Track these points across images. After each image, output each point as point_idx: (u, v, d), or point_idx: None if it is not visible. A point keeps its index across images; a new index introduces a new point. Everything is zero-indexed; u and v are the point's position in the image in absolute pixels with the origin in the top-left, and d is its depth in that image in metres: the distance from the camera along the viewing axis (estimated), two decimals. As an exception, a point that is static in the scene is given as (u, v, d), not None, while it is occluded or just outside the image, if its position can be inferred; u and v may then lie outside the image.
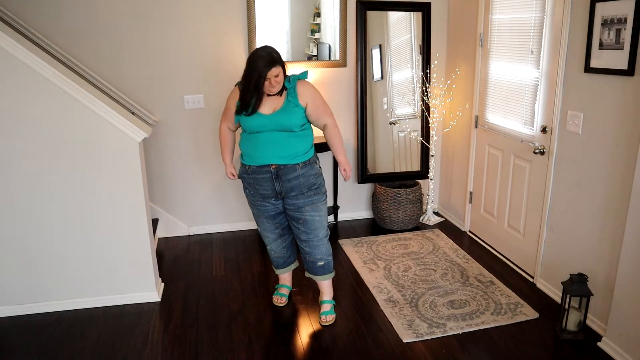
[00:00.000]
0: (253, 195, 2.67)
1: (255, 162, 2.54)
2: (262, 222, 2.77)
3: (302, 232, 2.68)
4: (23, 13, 3.37)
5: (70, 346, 2.60)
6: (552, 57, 2.87)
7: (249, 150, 2.56)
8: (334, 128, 2.67)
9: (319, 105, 2.59)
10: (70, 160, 2.73)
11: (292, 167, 2.53)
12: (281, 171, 2.53)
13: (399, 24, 4.01)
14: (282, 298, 3.00)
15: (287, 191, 2.57)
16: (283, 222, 2.78)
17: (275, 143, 2.50)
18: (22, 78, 2.57)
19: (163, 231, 3.99)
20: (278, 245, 2.86)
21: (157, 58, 3.65)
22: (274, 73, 2.39)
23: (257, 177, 2.57)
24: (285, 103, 2.50)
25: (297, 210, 2.63)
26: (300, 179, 2.56)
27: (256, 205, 2.71)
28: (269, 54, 2.38)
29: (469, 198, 3.94)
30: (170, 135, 3.81)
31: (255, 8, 3.68)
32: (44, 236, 2.81)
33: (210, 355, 2.52)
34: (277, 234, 2.82)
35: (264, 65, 2.36)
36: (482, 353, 2.50)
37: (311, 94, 2.57)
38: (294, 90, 2.52)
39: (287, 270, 3.00)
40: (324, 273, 2.79)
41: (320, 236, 2.70)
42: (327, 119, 2.64)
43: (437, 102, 4.02)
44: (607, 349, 2.49)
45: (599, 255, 2.61)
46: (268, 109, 2.50)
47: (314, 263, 2.75)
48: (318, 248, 2.71)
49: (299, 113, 2.52)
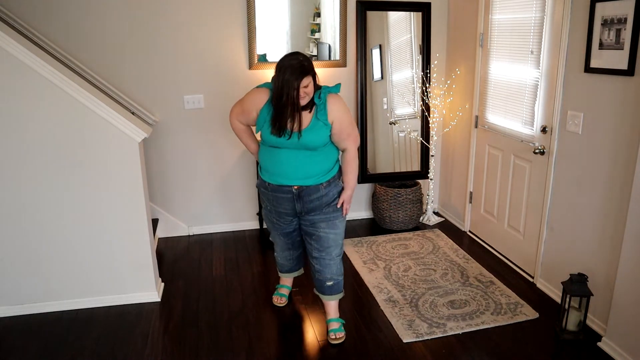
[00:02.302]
0: (270, 211, 2.57)
1: (275, 181, 2.38)
2: (274, 235, 2.71)
3: (314, 249, 2.53)
4: (23, 13, 3.37)
5: (70, 346, 2.60)
6: (552, 57, 2.87)
7: (268, 166, 2.39)
8: (353, 157, 2.43)
9: (344, 127, 2.35)
10: (70, 160, 2.73)
11: (315, 187, 2.37)
12: (304, 192, 2.38)
13: (399, 24, 4.01)
14: (282, 298, 2.97)
15: (308, 211, 2.45)
16: (296, 238, 2.70)
17: (298, 162, 2.31)
18: (23, 78, 2.57)
19: (163, 231, 3.99)
20: (286, 256, 2.81)
21: (157, 58, 3.65)
22: (304, 84, 2.20)
23: (277, 196, 2.43)
24: (313, 121, 2.28)
25: (312, 226, 2.49)
26: (323, 198, 2.42)
27: (271, 221, 2.62)
28: (299, 63, 2.19)
29: (469, 198, 3.94)
30: (170, 135, 3.81)
31: (255, 8, 3.68)
32: (44, 236, 2.81)
33: (210, 355, 2.52)
34: (287, 246, 2.75)
35: (295, 76, 2.16)
36: (482, 353, 2.50)
37: (340, 112, 2.32)
38: (324, 107, 2.29)
39: (291, 276, 2.97)
40: (332, 293, 2.62)
41: (333, 255, 2.53)
42: (349, 144, 2.40)
43: (437, 102, 4.02)
44: (607, 349, 2.49)
45: (599, 255, 2.61)
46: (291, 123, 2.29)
47: (322, 282, 2.59)
48: (329, 267, 2.55)
49: (326, 133, 2.31)
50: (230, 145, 3.93)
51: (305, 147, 2.28)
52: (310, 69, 2.22)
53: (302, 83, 2.19)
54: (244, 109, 2.42)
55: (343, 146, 2.42)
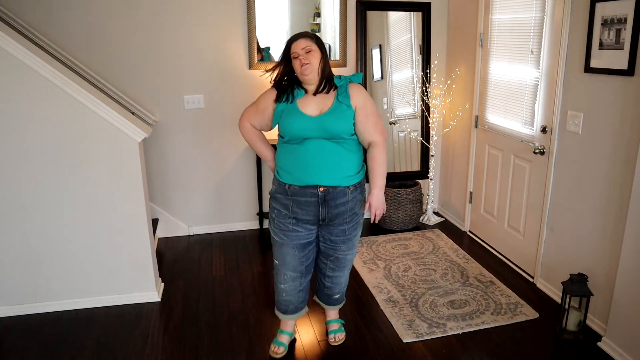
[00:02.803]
0: (284, 218, 2.21)
1: (298, 181, 2.12)
2: (285, 253, 2.26)
3: (329, 269, 2.39)
4: (23, 13, 3.37)
5: (70, 346, 2.60)
6: (552, 57, 2.87)
7: (290, 166, 2.14)
8: (382, 150, 2.17)
9: (370, 114, 2.13)
10: (70, 160, 2.73)
11: (342, 190, 2.14)
12: (329, 195, 2.13)
13: (399, 24, 4.01)
14: (280, 347, 2.46)
15: (332, 218, 2.19)
16: (310, 256, 2.33)
17: (325, 157, 2.08)
18: (23, 78, 2.57)
19: (163, 231, 3.99)
20: (295, 287, 2.35)
21: (157, 58, 3.65)
22: (302, 45, 2.04)
23: (299, 200, 2.14)
24: (335, 103, 2.09)
25: (332, 247, 2.30)
26: (348, 204, 2.18)
27: (284, 230, 2.22)
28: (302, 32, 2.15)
29: (469, 198, 3.94)
30: (170, 135, 3.81)
31: (255, 8, 3.68)
32: (44, 236, 2.81)
33: (210, 355, 2.52)
34: (299, 272, 2.32)
35: (292, 39, 2.08)
36: (482, 353, 2.50)
37: (363, 98, 2.13)
38: (345, 90, 2.11)
39: (296, 317, 2.49)
40: (337, 304, 2.58)
41: (346, 272, 2.44)
42: (377, 135, 2.15)
43: (437, 102, 4.02)
44: (607, 349, 2.49)
45: (599, 255, 2.61)
46: (314, 109, 2.10)
47: (329, 296, 2.51)
48: (339, 284, 2.46)
49: (351, 116, 2.10)
50: (230, 145, 3.93)
51: (330, 134, 2.06)
52: (314, 36, 2.10)
53: (299, 44, 2.05)
54: (259, 108, 2.22)
55: (369, 138, 2.15)
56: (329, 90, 2.12)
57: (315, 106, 2.10)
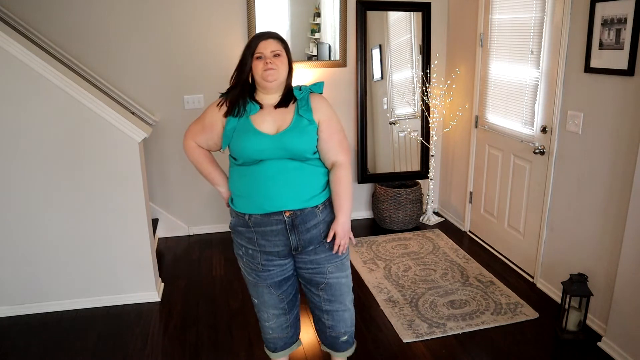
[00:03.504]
0: (252, 257, 1.89)
1: (259, 209, 1.80)
2: (261, 293, 1.97)
3: (325, 301, 1.97)
4: (23, 13, 3.37)
5: (70, 346, 2.60)
6: (552, 57, 2.87)
7: (247, 192, 1.81)
8: (347, 172, 1.86)
9: (334, 131, 1.83)
10: (70, 160, 2.73)
11: (311, 211, 1.82)
12: (298, 219, 1.81)
13: (399, 24, 4.01)
14: None
15: (305, 245, 1.86)
16: (290, 292, 2.01)
17: (287, 178, 1.78)
18: (23, 78, 2.57)
19: (163, 231, 3.99)
20: (280, 324, 2.05)
21: (157, 58, 3.65)
22: (270, 47, 1.75)
23: (263, 230, 1.82)
24: (295, 118, 1.78)
25: (317, 272, 1.91)
26: (320, 225, 1.86)
27: (255, 270, 1.91)
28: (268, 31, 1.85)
29: (469, 198, 3.94)
30: (170, 135, 3.81)
31: (255, 8, 3.68)
32: (44, 236, 2.81)
33: (210, 355, 2.52)
34: (281, 310, 2.01)
35: (256, 37, 1.79)
36: (482, 353, 2.50)
37: (328, 112, 1.84)
38: (306, 102, 1.81)
39: (287, 354, 2.17)
40: (347, 348, 2.12)
41: (347, 303, 2.01)
42: (341, 155, 1.85)
43: (437, 102, 4.02)
44: (607, 349, 2.49)
45: (599, 255, 2.61)
46: (270, 126, 1.78)
47: (336, 339, 2.07)
48: (343, 320, 2.02)
49: (314, 132, 1.80)
50: (230, 145, 3.93)
51: (291, 154, 1.77)
52: (283, 40, 1.82)
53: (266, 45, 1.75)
54: (205, 124, 1.86)
55: (333, 158, 1.85)
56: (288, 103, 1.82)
57: (272, 122, 1.78)
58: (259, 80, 1.78)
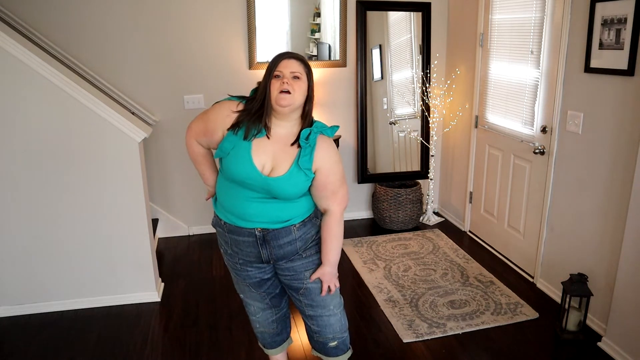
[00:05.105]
0: (231, 256, 1.90)
1: (233, 221, 1.79)
2: (242, 289, 2.02)
3: (307, 306, 1.94)
4: (23, 13, 3.37)
5: (70, 346, 2.60)
6: (552, 57, 2.87)
7: (226, 202, 1.80)
8: (339, 222, 1.81)
9: (331, 181, 1.76)
10: (70, 161, 2.72)
11: (286, 229, 1.78)
12: (269, 235, 1.77)
13: (399, 24, 4.01)
14: None
15: (278, 258, 1.84)
16: (272, 291, 2.01)
17: (264, 208, 1.75)
18: (22, 78, 2.57)
19: (163, 231, 3.99)
20: (266, 317, 2.08)
21: (157, 58, 3.65)
22: (291, 68, 1.66)
23: (236, 239, 1.82)
24: (292, 168, 1.69)
25: (294, 278, 1.88)
26: (297, 242, 1.82)
27: (235, 269, 1.94)
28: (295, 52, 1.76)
29: (469, 198, 3.94)
30: (170, 135, 3.81)
31: (255, 8, 3.68)
32: (44, 236, 2.81)
33: (210, 355, 2.52)
34: (265, 304, 2.05)
35: (280, 55, 1.70)
36: (482, 353, 2.50)
37: (330, 162, 1.74)
38: (310, 152, 1.70)
39: (279, 352, 2.21)
40: (337, 354, 2.04)
41: (332, 308, 1.94)
42: (333, 204, 1.79)
43: (437, 102, 4.02)
44: (607, 349, 2.49)
45: (599, 255, 2.61)
46: (266, 160, 1.69)
47: (323, 344, 2.02)
48: (329, 326, 1.96)
49: (306, 184, 1.73)
50: (230, 145, 3.92)
51: (276, 196, 1.72)
52: (308, 65, 1.72)
53: (288, 65, 1.66)
54: (208, 129, 1.78)
55: (325, 206, 1.79)
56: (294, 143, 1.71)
57: (270, 158, 1.69)
58: (272, 103, 1.66)
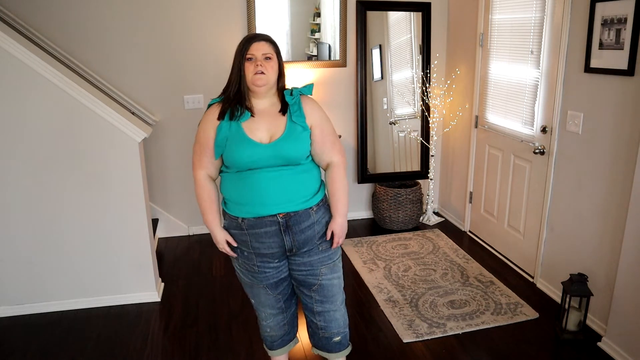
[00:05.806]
0: (247, 258, 1.91)
1: (253, 212, 1.80)
2: (257, 293, 2.00)
3: (316, 302, 1.99)
4: (23, 13, 3.37)
5: (70, 346, 2.60)
6: (552, 57, 2.87)
7: (240, 197, 1.82)
8: (343, 171, 1.91)
9: (327, 133, 1.87)
10: (70, 161, 2.73)
11: (305, 212, 1.83)
12: (292, 220, 1.82)
13: (399, 24, 4.01)
14: None
15: (300, 246, 1.87)
16: (286, 291, 2.04)
17: (281, 185, 1.79)
18: (22, 78, 2.57)
19: (163, 231, 3.99)
20: (277, 322, 2.10)
21: (157, 58, 3.65)
22: (262, 49, 1.74)
23: (257, 232, 1.83)
24: (288, 125, 1.79)
25: (310, 274, 1.93)
26: (315, 227, 1.87)
27: (251, 271, 1.93)
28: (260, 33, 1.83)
29: (469, 198, 3.94)
30: (170, 135, 3.81)
31: (255, 8, 3.68)
32: (44, 236, 2.81)
33: (210, 355, 2.52)
34: (278, 309, 2.05)
35: (246, 39, 1.77)
36: (482, 353, 2.50)
37: (320, 115, 1.86)
38: (299, 107, 1.81)
39: (285, 352, 2.22)
40: (340, 349, 2.10)
41: (338, 304, 2.03)
42: (335, 155, 1.89)
43: (437, 102, 4.02)
44: (607, 349, 2.49)
45: (599, 255, 2.61)
46: (263, 133, 1.78)
47: (328, 339, 2.06)
48: (335, 320, 2.03)
49: (307, 137, 1.83)
50: (230, 145, 3.93)
51: (286, 160, 1.78)
52: (274, 43, 1.80)
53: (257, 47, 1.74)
54: (202, 143, 1.85)
55: (327, 159, 1.89)
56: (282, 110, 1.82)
57: (265, 130, 1.78)
58: (249, 85, 1.78)
